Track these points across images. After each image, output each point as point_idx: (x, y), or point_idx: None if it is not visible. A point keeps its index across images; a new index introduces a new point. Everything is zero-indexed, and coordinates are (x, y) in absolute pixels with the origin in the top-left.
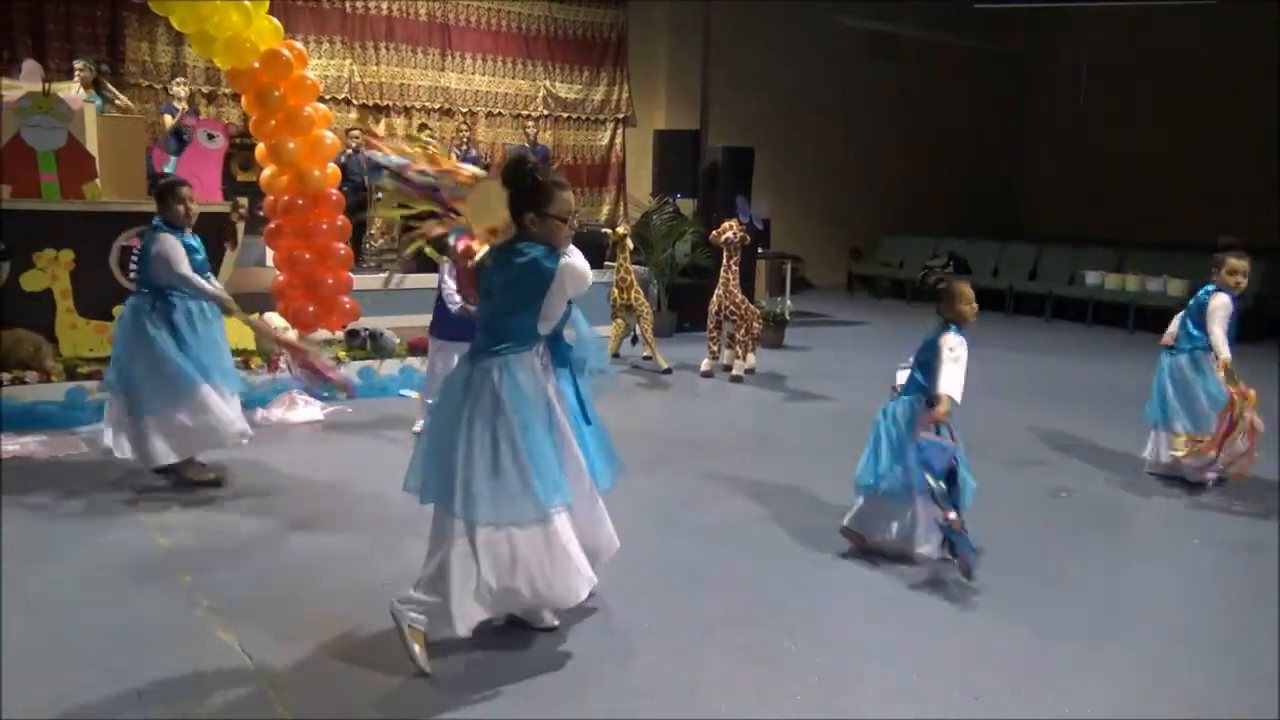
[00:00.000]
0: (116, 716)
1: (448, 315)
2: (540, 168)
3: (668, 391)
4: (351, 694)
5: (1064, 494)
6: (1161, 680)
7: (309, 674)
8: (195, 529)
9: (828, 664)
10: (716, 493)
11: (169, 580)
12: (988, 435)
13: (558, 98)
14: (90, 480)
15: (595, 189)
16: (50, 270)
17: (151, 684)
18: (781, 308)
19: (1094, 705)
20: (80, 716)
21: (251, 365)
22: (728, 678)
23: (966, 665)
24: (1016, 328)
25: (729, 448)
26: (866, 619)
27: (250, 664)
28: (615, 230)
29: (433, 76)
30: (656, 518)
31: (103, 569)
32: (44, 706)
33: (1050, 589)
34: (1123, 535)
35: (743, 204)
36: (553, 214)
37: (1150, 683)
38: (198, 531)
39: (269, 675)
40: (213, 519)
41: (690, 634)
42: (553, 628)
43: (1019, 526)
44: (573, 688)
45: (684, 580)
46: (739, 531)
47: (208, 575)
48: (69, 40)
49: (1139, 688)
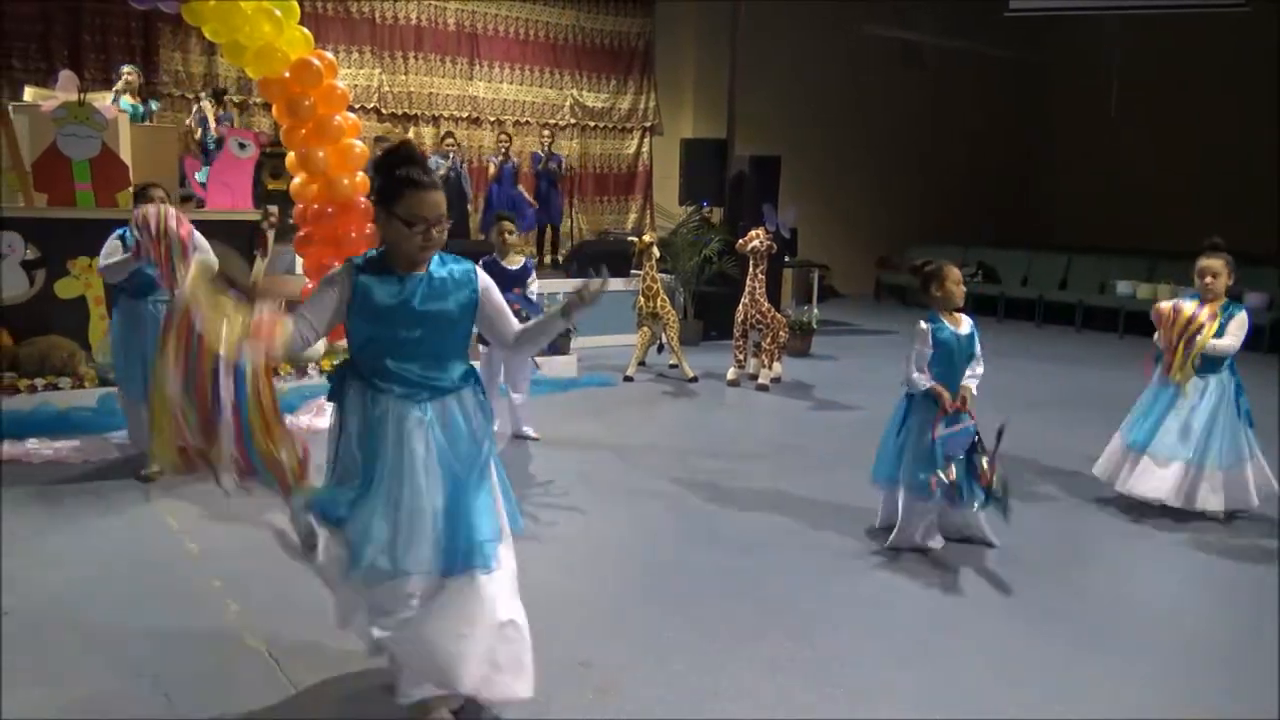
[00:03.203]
0: (145, 718)
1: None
2: (411, 161)
3: (693, 400)
4: (378, 702)
5: (1096, 504)
6: (1196, 695)
7: (336, 681)
8: (224, 534)
9: (853, 675)
10: (741, 502)
11: (198, 585)
12: (1019, 445)
13: (585, 106)
14: (121, 485)
15: (622, 198)
16: (84, 278)
17: (180, 687)
18: (808, 316)
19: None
20: (110, 718)
21: (281, 371)
22: (751, 687)
23: (996, 678)
24: (1047, 338)
25: (754, 457)
26: (893, 629)
27: (278, 669)
28: (641, 238)
29: (461, 85)
30: (681, 527)
31: (132, 573)
32: (76, 708)
33: (1083, 600)
34: (1158, 548)
35: (769, 212)
36: (398, 214)
37: (1182, 696)
38: (227, 536)
39: (296, 681)
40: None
41: (713, 643)
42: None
43: (1052, 537)
44: (595, 696)
45: (708, 589)
46: (764, 540)
47: (237, 581)
48: (104, 51)
49: (1171, 701)
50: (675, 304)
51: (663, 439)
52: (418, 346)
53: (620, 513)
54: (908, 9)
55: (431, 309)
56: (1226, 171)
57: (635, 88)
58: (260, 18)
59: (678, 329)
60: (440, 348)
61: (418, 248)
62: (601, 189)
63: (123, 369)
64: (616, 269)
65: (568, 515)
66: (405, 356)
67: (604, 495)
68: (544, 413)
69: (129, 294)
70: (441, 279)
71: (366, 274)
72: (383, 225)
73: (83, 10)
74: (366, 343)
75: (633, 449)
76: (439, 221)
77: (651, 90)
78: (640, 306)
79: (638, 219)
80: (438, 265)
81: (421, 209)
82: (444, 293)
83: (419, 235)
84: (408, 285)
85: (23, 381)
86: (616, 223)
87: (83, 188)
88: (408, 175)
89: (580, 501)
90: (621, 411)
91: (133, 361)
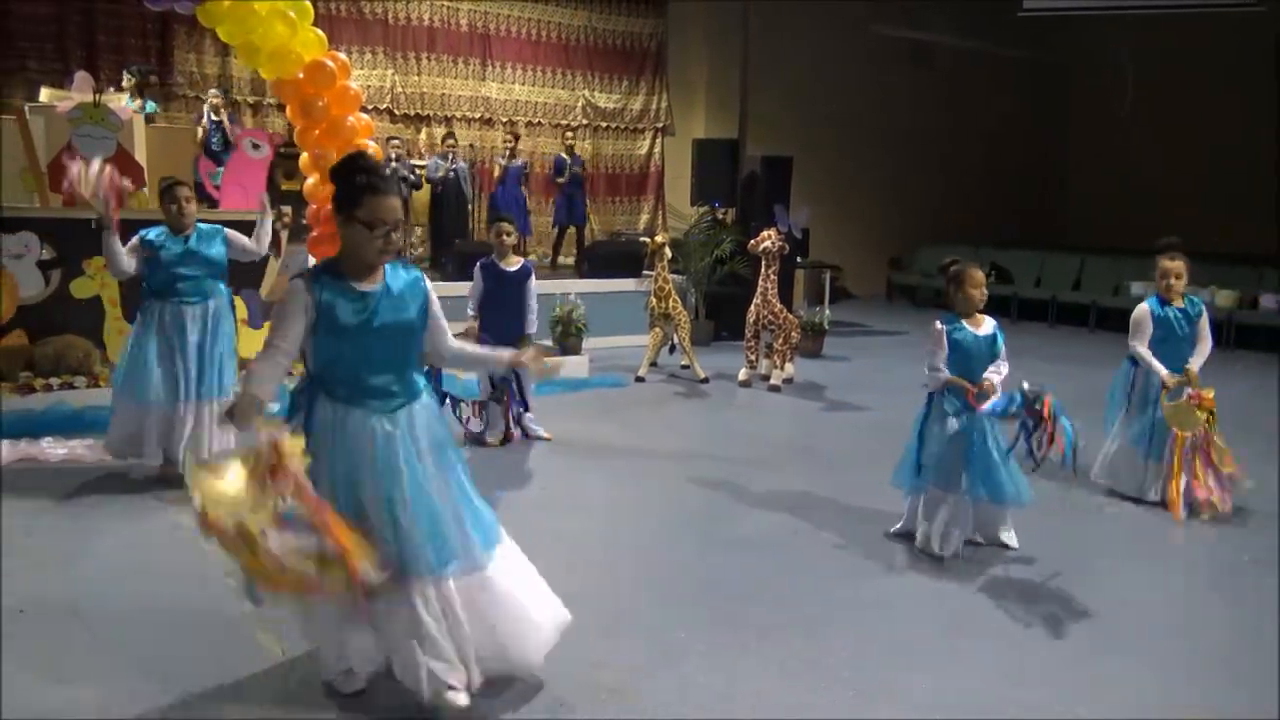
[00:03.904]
0: (158, 715)
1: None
2: (368, 167)
3: (705, 401)
4: (393, 701)
5: (1110, 509)
6: (1196, 695)
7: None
8: None
9: (866, 677)
10: (753, 503)
11: (214, 584)
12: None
13: (597, 107)
14: (134, 483)
15: (634, 198)
16: (99, 278)
17: (195, 686)
18: (820, 317)
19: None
20: (121, 713)
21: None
22: (764, 690)
23: (1009, 681)
24: (1060, 339)
25: (766, 458)
26: (906, 633)
27: (293, 667)
28: (653, 239)
29: (473, 86)
30: (693, 528)
31: (148, 573)
32: (92, 708)
33: (1098, 604)
34: (1172, 551)
35: (781, 213)
36: (359, 217)
37: (1183, 696)
38: None
39: (308, 678)
40: None
41: (726, 645)
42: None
43: (1068, 541)
44: (608, 698)
45: (720, 591)
46: (776, 543)
47: None
48: (120, 52)
49: (1171, 701)
50: (687, 305)
51: (674, 440)
52: (386, 358)
53: (631, 513)
54: (917, 9)
55: (394, 321)
56: (1237, 172)
57: (647, 88)
58: (274, 19)
59: (689, 330)
60: (407, 356)
61: (377, 251)
62: (613, 190)
63: (127, 369)
64: (628, 269)
65: (578, 515)
66: (375, 369)
67: (615, 496)
68: (555, 413)
69: (150, 294)
70: (399, 290)
71: (327, 290)
72: (342, 230)
73: (98, 12)
74: (334, 360)
75: (644, 450)
76: (397, 226)
77: (663, 91)
78: (652, 307)
79: (649, 219)
80: (391, 274)
81: (381, 212)
82: (403, 303)
83: (379, 239)
84: (369, 301)
85: (38, 381)
86: (628, 223)
87: None
88: (368, 181)
89: (591, 502)
90: (633, 412)
91: (140, 364)
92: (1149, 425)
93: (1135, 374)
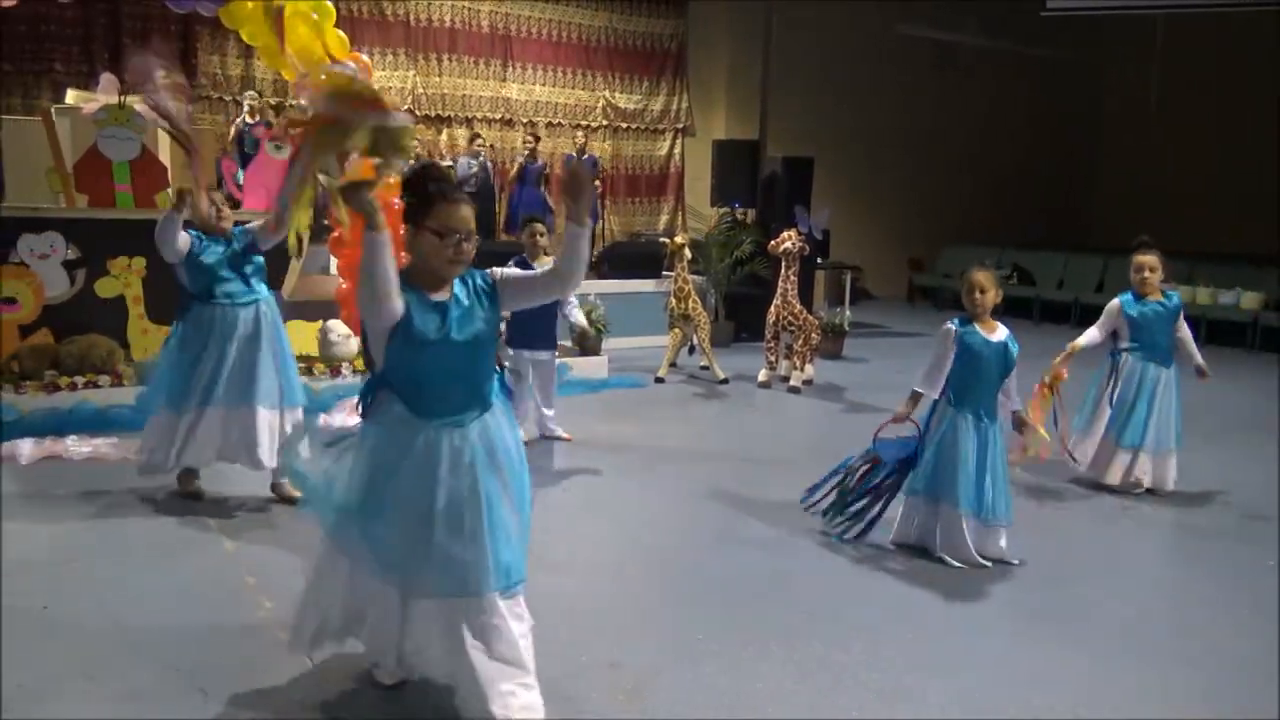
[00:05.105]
0: (182, 715)
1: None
2: (442, 177)
3: (724, 402)
4: (412, 701)
5: (1126, 511)
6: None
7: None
8: (260, 532)
9: (885, 679)
10: (771, 504)
11: (233, 582)
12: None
13: (617, 108)
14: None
15: (654, 199)
16: (123, 277)
17: (215, 683)
18: (840, 318)
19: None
20: (146, 714)
21: (315, 371)
22: (782, 690)
23: (1028, 685)
24: None
25: (786, 459)
26: (925, 635)
27: (311, 666)
28: (673, 240)
29: (494, 87)
30: (712, 529)
31: (169, 570)
32: (113, 704)
33: (1116, 608)
34: (1191, 556)
35: (801, 214)
36: (430, 226)
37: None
38: (262, 534)
39: (330, 676)
40: (277, 522)
41: (744, 646)
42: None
43: (1083, 545)
44: (625, 698)
45: (739, 592)
46: (795, 544)
47: (271, 577)
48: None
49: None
50: (707, 305)
51: (693, 441)
52: (461, 371)
53: (650, 514)
54: (940, 9)
55: (468, 334)
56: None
57: (668, 89)
58: (296, 21)
59: (709, 330)
60: (480, 367)
61: (448, 261)
62: (633, 190)
63: (163, 375)
64: (648, 270)
65: (597, 515)
66: (450, 380)
67: (634, 496)
68: (575, 413)
69: (193, 296)
70: (470, 303)
71: (408, 291)
72: (411, 241)
73: (123, 14)
74: (408, 370)
75: (663, 450)
76: (470, 236)
77: (684, 91)
78: (672, 308)
79: (669, 220)
80: (459, 284)
81: (453, 221)
82: (474, 314)
83: (450, 248)
84: (445, 316)
85: (64, 379)
86: (648, 224)
87: (122, 189)
88: (440, 189)
89: (610, 502)
90: (652, 413)
91: (179, 369)
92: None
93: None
